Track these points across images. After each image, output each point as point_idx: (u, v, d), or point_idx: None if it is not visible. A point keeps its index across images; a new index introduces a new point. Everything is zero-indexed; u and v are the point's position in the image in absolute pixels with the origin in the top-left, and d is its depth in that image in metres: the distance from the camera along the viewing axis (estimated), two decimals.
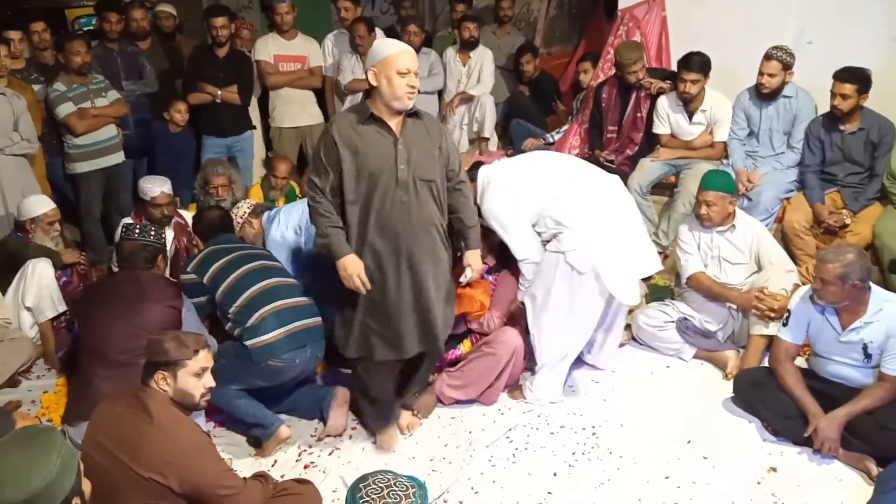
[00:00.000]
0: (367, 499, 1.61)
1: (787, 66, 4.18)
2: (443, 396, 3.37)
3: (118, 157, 4.80)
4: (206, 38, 5.35)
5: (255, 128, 5.31)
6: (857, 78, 3.89)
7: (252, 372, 3.04)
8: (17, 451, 1.68)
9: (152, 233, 3.31)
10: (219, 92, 4.97)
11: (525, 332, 3.41)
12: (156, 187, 4.03)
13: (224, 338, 3.21)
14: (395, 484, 1.65)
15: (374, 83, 2.77)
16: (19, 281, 3.70)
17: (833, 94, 3.95)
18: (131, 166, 5.00)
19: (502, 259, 3.48)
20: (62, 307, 3.74)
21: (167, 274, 3.67)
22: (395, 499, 1.61)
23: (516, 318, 3.48)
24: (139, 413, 2.26)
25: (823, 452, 2.93)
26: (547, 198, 3.26)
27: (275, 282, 3.18)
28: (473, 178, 3.38)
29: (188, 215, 4.29)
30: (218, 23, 4.93)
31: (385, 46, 2.80)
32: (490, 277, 3.54)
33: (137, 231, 3.28)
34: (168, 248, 3.91)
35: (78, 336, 3.39)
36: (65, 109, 4.51)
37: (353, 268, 2.78)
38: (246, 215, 3.81)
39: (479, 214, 3.23)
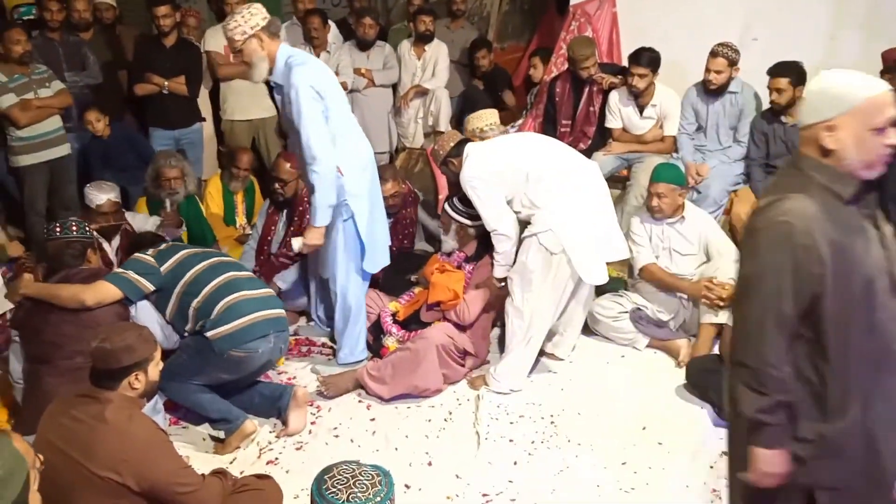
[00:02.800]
0: (333, 490, 1.60)
1: (732, 63, 4.30)
2: (366, 386, 3.39)
3: (63, 150, 4.64)
4: (149, 29, 5.22)
5: (204, 120, 5.20)
6: (789, 71, 4.03)
7: (214, 364, 2.99)
8: None
9: (74, 227, 3.14)
10: (166, 83, 4.84)
11: (494, 323, 3.46)
12: (101, 194, 3.84)
13: None
14: (360, 474, 1.64)
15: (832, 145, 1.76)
16: None
17: (770, 90, 4.10)
18: (76, 160, 4.84)
19: (480, 250, 3.52)
20: (6, 305, 3.59)
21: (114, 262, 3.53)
22: (362, 488, 1.60)
23: (492, 307, 3.52)
24: (93, 412, 2.20)
25: None
26: (524, 174, 3.34)
27: (236, 275, 3.13)
28: (459, 154, 3.44)
29: (141, 218, 4.17)
30: (160, 11, 4.80)
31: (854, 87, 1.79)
32: (467, 267, 3.57)
33: (58, 228, 3.13)
34: (114, 258, 3.82)
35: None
36: (6, 101, 4.35)
37: None
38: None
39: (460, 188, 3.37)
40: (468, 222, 3.55)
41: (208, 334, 2.95)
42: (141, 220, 4.12)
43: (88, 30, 5.16)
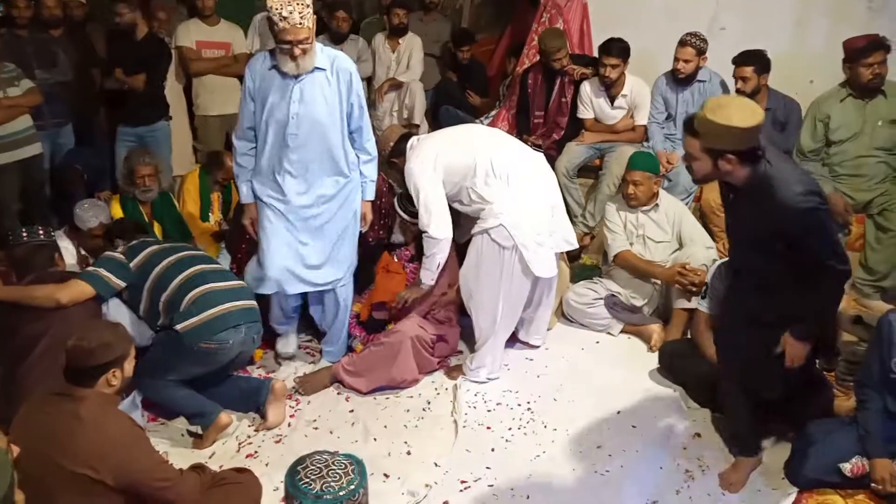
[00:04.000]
0: (307, 480, 1.63)
1: (700, 52, 4.36)
2: (342, 381, 3.41)
3: (35, 149, 4.58)
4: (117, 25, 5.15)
5: (170, 118, 5.14)
6: (753, 59, 4.10)
7: (185, 358, 2.99)
8: None
9: (41, 231, 3.17)
10: (125, 79, 4.79)
11: (461, 314, 3.48)
12: (93, 218, 3.82)
13: None
14: (333, 463, 1.68)
15: None
16: None
17: (735, 79, 4.16)
18: (48, 157, 4.79)
19: (420, 249, 3.52)
20: None
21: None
22: (335, 477, 1.63)
23: (446, 303, 3.55)
24: (68, 409, 2.20)
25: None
26: (472, 167, 3.32)
27: (204, 268, 3.14)
28: (402, 153, 3.44)
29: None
30: (120, 8, 4.74)
31: None
32: (410, 266, 3.60)
33: (25, 234, 3.14)
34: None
35: None
36: None
37: None
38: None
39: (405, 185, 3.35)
40: (409, 219, 3.56)
41: (178, 327, 2.95)
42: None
43: (58, 27, 5.09)
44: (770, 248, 2.45)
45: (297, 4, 2.86)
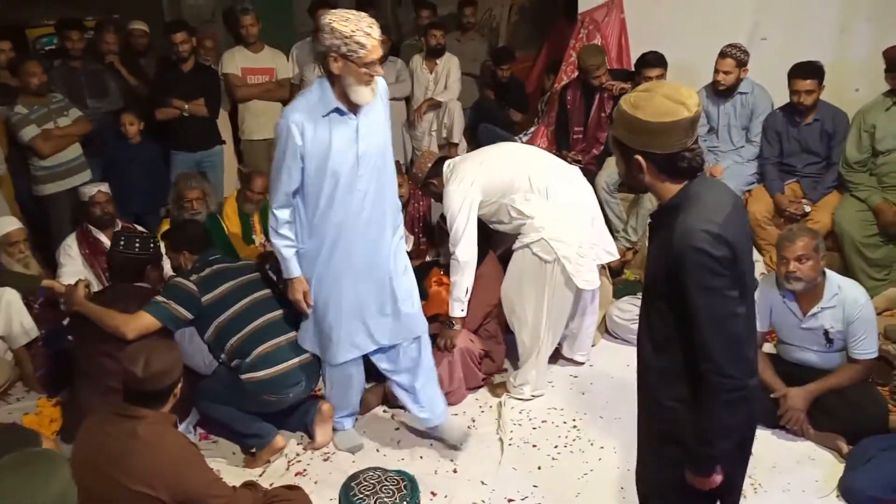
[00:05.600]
0: (361, 496, 1.65)
1: (741, 63, 4.31)
2: (391, 400, 3.41)
3: (85, 177, 4.74)
4: (166, 55, 5.33)
5: (224, 142, 5.30)
6: (815, 72, 4.02)
7: (246, 400, 3.06)
8: (15, 474, 1.65)
9: (137, 244, 3.20)
10: (186, 106, 4.95)
11: (505, 331, 3.48)
12: (91, 187, 4.13)
13: None
14: (385, 479, 1.69)
15: None
16: None
17: (796, 92, 4.05)
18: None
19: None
20: (34, 333, 3.68)
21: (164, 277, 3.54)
22: (388, 493, 1.65)
23: (490, 319, 3.55)
24: (126, 428, 2.26)
25: (789, 423, 3.03)
26: (510, 184, 3.34)
27: (277, 315, 3.14)
28: (438, 173, 3.46)
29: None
30: (178, 38, 4.91)
31: None
32: None
33: (123, 243, 3.21)
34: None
35: (58, 354, 3.37)
36: (29, 132, 4.46)
37: None
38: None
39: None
40: None
41: (243, 377, 3.01)
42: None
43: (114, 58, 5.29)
44: (662, 295, 1.80)
45: (369, 20, 2.60)
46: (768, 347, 3.39)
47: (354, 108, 2.72)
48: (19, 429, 2.06)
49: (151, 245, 3.25)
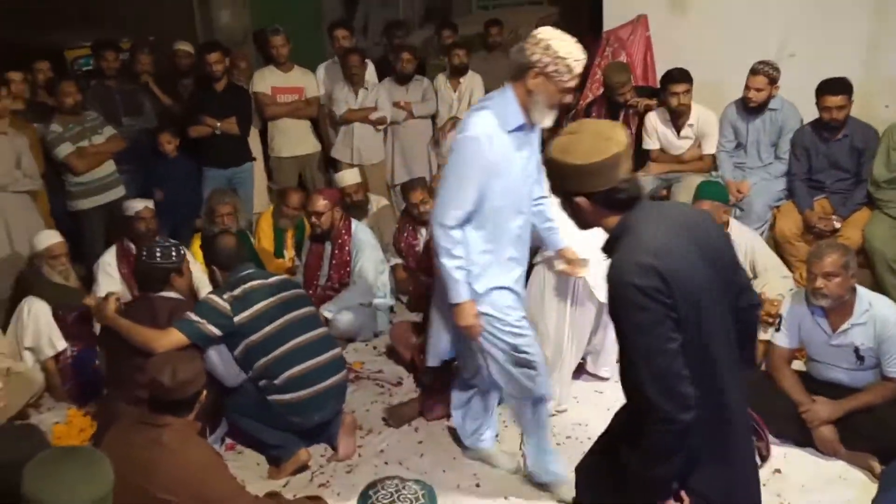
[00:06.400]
0: None
1: (773, 81, 4.28)
2: (428, 412, 3.41)
3: (119, 192, 4.86)
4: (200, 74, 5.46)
5: (254, 159, 5.39)
6: (845, 88, 3.99)
7: (272, 419, 3.10)
8: (73, 463, 1.73)
9: (159, 253, 3.20)
10: (218, 124, 5.05)
11: None
12: (138, 202, 4.23)
13: None
14: (403, 489, 1.68)
15: None
16: (16, 322, 3.71)
17: (827, 109, 4.01)
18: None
19: None
20: (61, 345, 3.73)
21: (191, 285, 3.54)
22: (406, 502, 1.64)
23: None
24: (152, 436, 2.30)
25: (811, 426, 2.97)
26: None
27: (310, 337, 3.15)
28: None
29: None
30: (212, 58, 5.03)
31: None
32: None
33: (145, 253, 3.22)
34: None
35: (84, 366, 3.43)
36: (64, 150, 4.59)
37: None
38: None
39: None
40: None
41: (270, 398, 3.04)
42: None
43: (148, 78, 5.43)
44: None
45: (581, 49, 2.49)
46: (798, 365, 3.33)
47: (531, 127, 2.63)
48: (26, 428, 2.13)
49: (174, 254, 3.23)
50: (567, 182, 1.80)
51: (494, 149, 2.52)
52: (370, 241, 4.40)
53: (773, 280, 3.60)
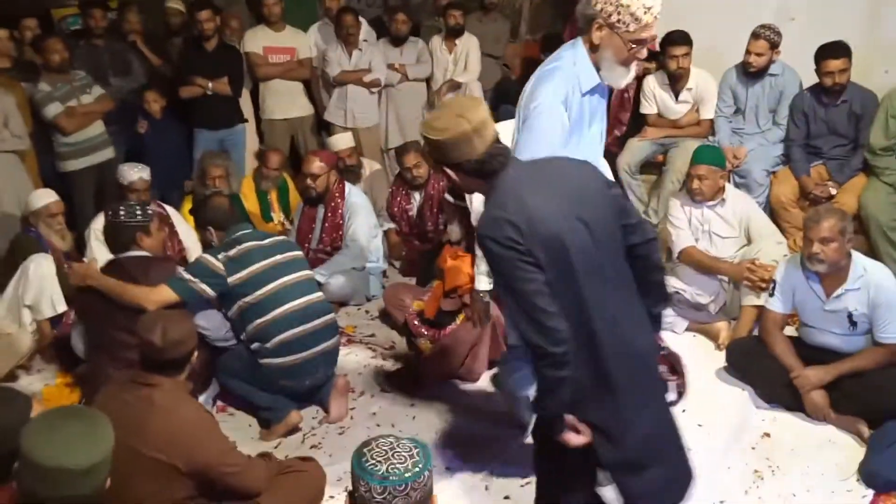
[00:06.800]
0: (373, 461, 1.64)
1: (774, 45, 4.23)
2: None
3: (108, 153, 4.80)
4: (190, 34, 5.35)
5: (246, 121, 5.31)
6: (845, 51, 3.94)
7: (261, 382, 3.09)
8: (76, 422, 1.72)
9: (122, 212, 3.13)
10: (209, 84, 4.97)
11: None
12: (134, 172, 4.00)
13: None
14: (398, 446, 1.68)
15: None
16: (19, 278, 3.68)
17: (828, 73, 3.97)
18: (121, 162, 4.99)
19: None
20: (61, 307, 3.70)
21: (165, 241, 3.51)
22: (400, 460, 1.64)
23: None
24: (143, 395, 2.29)
25: (802, 391, 2.99)
26: None
27: (305, 301, 3.11)
28: None
29: (169, 207, 4.28)
30: (203, 17, 4.93)
31: None
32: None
33: (110, 212, 3.18)
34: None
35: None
36: (53, 110, 4.51)
37: None
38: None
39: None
40: (457, 202, 3.48)
41: (261, 361, 3.03)
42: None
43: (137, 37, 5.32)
44: None
45: None
46: (790, 331, 3.34)
47: (603, 89, 2.45)
48: (8, 391, 2.11)
49: (139, 212, 3.15)
50: (434, 154, 1.96)
51: (571, 112, 2.34)
52: (364, 205, 4.35)
53: (768, 246, 3.59)
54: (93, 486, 1.67)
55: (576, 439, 1.96)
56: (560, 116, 2.32)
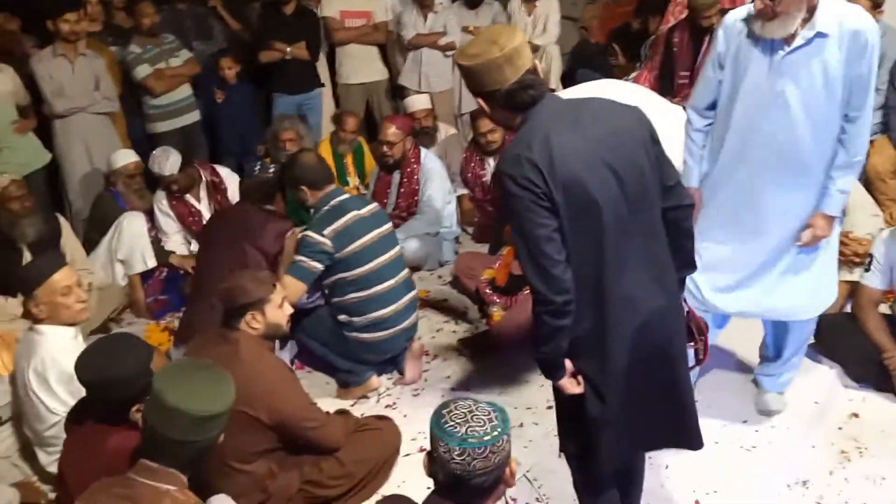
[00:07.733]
0: (452, 423, 1.64)
1: (876, 5, 3.95)
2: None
3: (194, 116, 4.94)
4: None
5: (323, 85, 5.36)
6: None
7: (346, 348, 3.15)
8: (206, 375, 1.82)
9: (271, 168, 3.44)
10: (288, 49, 5.02)
11: None
12: (166, 163, 3.95)
13: None
14: (476, 409, 1.68)
15: None
16: (113, 233, 3.88)
17: None
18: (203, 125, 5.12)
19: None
20: (152, 262, 3.88)
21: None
22: (479, 422, 1.64)
23: None
24: (227, 351, 2.36)
25: (893, 372, 2.86)
26: None
27: (397, 280, 3.14)
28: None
29: (225, 171, 4.36)
30: None
31: None
32: None
33: (258, 167, 3.48)
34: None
35: (173, 285, 3.72)
36: (142, 71, 4.66)
37: None
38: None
39: None
40: None
41: (348, 334, 3.09)
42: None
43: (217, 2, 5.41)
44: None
45: None
46: (884, 308, 3.17)
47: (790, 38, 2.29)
48: (131, 338, 2.22)
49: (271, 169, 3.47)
50: (467, 82, 1.87)
51: (731, 46, 2.39)
52: (439, 171, 4.34)
53: (862, 219, 3.40)
54: (206, 436, 1.75)
55: (573, 388, 1.92)
56: (717, 35, 2.49)
